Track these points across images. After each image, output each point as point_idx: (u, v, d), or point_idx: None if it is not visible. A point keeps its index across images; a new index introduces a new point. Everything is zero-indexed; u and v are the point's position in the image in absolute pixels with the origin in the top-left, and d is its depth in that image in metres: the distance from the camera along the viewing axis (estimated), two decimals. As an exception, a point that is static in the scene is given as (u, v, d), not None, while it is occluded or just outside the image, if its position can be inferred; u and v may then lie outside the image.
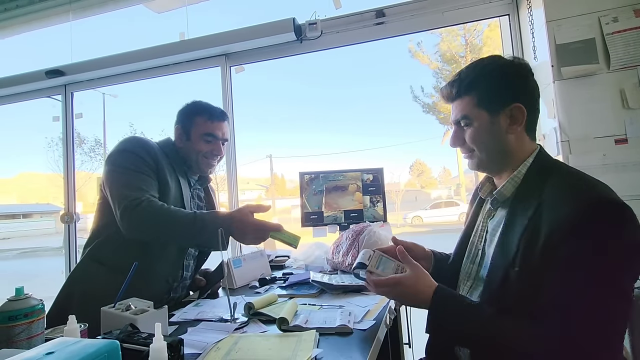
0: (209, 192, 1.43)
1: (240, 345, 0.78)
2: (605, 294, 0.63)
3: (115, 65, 2.46)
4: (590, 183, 0.72)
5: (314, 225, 1.86)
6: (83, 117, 2.81)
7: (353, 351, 0.75)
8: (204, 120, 1.29)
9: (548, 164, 0.81)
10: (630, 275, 0.67)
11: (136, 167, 1.13)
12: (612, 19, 1.55)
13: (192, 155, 1.28)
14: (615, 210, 0.66)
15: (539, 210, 0.71)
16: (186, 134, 1.29)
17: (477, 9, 1.99)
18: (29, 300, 0.67)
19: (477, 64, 0.85)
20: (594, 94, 1.55)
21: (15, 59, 3.99)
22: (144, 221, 1.05)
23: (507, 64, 0.83)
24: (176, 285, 1.24)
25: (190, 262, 1.28)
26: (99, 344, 0.41)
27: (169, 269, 1.19)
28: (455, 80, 0.85)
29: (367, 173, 1.88)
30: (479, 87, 0.82)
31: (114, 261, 1.10)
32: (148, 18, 5.86)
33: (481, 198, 0.94)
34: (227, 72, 2.36)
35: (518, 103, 0.80)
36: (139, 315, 0.80)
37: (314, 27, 2.13)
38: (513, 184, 0.81)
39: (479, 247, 0.88)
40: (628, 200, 0.69)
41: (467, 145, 0.85)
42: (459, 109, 0.85)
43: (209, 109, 1.31)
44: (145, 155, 1.16)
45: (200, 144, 1.28)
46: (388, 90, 20.34)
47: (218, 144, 1.30)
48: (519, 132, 0.81)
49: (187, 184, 1.28)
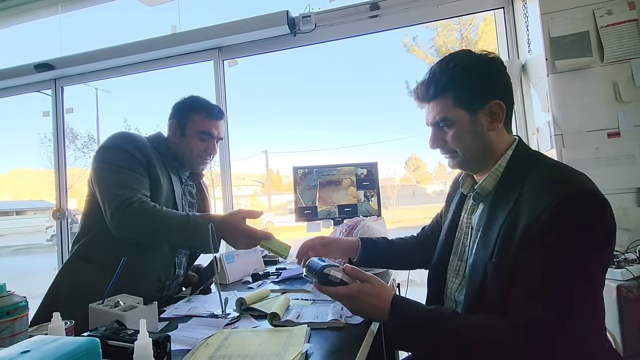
0: (201, 188, 1.41)
1: (231, 340, 0.77)
2: (579, 284, 0.64)
3: (106, 58, 2.42)
4: (569, 175, 0.73)
5: (308, 220, 1.85)
6: (76, 113, 2.78)
7: (344, 346, 0.75)
8: (202, 117, 1.25)
9: (527, 157, 0.81)
10: (604, 261, 0.69)
11: (127, 164, 1.10)
12: (606, 12, 1.54)
13: (185, 152, 1.25)
14: (591, 202, 0.66)
15: (519, 203, 0.72)
16: (181, 130, 1.26)
17: (472, 2, 1.98)
18: (11, 297, 0.65)
19: (450, 62, 0.81)
20: (588, 87, 1.55)
21: (3, 53, 3.91)
22: (135, 222, 1.03)
23: (481, 60, 0.81)
24: (169, 284, 1.22)
25: (182, 260, 1.27)
26: (78, 341, 0.40)
27: (161, 267, 1.18)
28: (430, 81, 0.82)
29: (361, 167, 1.87)
30: (456, 87, 0.79)
31: (102, 259, 1.08)
32: (139, 11, 5.80)
33: (463, 194, 0.94)
34: (220, 66, 2.33)
35: (497, 100, 0.79)
36: (127, 312, 0.79)
37: (307, 20, 2.10)
38: (494, 177, 0.81)
39: (466, 243, 0.88)
40: (620, 193, 0.69)
41: (449, 147, 0.84)
42: (436, 110, 0.82)
43: (207, 106, 1.28)
44: (135, 151, 1.13)
45: (194, 141, 1.25)
46: (383, 85, 20.32)
47: (213, 142, 1.28)
48: (499, 128, 0.81)
49: (178, 181, 1.26)
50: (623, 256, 1.33)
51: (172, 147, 1.27)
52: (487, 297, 0.73)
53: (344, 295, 0.79)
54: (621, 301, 1.21)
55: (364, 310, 0.80)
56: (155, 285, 1.17)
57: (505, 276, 0.70)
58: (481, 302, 0.74)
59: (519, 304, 0.67)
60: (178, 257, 1.24)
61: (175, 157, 1.27)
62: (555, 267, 0.65)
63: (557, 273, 0.65)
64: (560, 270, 0.64)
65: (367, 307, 0.78)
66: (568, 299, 0.64)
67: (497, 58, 0.83)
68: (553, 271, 0.65)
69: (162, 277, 1.18)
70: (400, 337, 0.74)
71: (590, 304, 0.67)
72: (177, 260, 1.24)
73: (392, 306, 0.75)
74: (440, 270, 0.94)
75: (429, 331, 0.72)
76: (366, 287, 0.79)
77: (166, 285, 1.21)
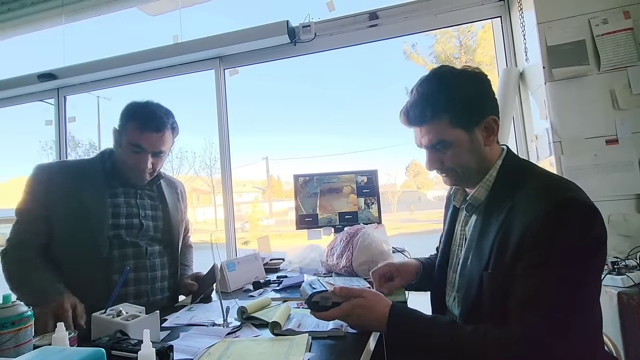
0: (162, 191, 1.34)
1: (232, 350, 0.77)
2: (573, 292, 0.65)
3: (108, 68, 2.45)
4: (558, 183, 0.74)
5: (309, 228, 1.86)
6: (77, 120, 2.79)
7: (345, 355, 0.75)
8: (134, 127, 1.15)
9: (517, 166, 0.82)
10: (597, 268, 0.70)
11: (24, 207, 1.15)
12: (602, 21, 1.56)
13: (120, 164, 1.21)
14: (581, 210, 0.67)
15: (511, 213, 0.73)
16: (118, 140, 1.19)
17: (469, 11, 2.00)
18: (16, 307, 0.66)
19: (442, 82, 0.80)
20: (585, 95, 1.57)
21: (7, 63, 3.95)
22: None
23: (472, 78, 0.81)
24: (149, 288, 1.20)
25: (156, 261, 1.23)
26: (84, 352, 0.41)
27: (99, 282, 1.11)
28: (424, 103, 0.80)
29: (361, 175, 1.88)
30: (454, 108, 0.78)
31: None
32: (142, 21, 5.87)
33: (455, 207, 0.95)
34: (221, 75, 2.36)
35: (492, 115, 0.80)
36: (130, 322, 0.79)
37: (307, 29, 2.13)
38: (485, 187, 0.82)
39: (460, 255, 0.89)
40: (619, 199, 0.70)
41: (447, 166, 0.84)
42: (433, 133, 0.80)
43: (144, 115, 1.16)
44: (35, 187, 1.15)
45: (126, 153, 1.17)
46: (383, 91, 20.44)
47: (145, 156, 1.17)
48: (494, 142, 0.82)
49: (131, 191, 1.24)
50: (624, 263, 1.33)
51: (116, 157, 1.23)
52: (482, 308, 0.74)
53: (338, 316, 0.81)
54: (622, 308, 1.21)
55: (362, 324, 0.81)
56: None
57: (500, 286, 0.70)
58: (477, 312, 0.75)
59: (515, 314, 0.67)
60: (150, 260, 1.21)
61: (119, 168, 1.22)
62: (549, 275, 0.66)
63: (551, 281, 0.65)
64: (554, 279, 0.65)
65: (363, 320, 0.79)
66: (563, 307, 0.64)
67: (484, 74, 0.83)
68: (547, 280, 0.66)
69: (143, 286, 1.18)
70: (399, 346, 0.75)
71: (586, 311, 0.67)
72: (149, 262, 1.20)
73: (390, 316, 0.76)
74: (440, 285, 0.95)
75: (425, 340, 0.72)
76: (359, 301, 0.80)
77: (147, 290, 1.19)
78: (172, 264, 1.32)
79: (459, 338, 0.70)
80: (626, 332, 1.20)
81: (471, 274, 0.78)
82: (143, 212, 1.25)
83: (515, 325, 0.66)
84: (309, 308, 0.85)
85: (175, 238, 1.33)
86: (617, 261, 1.32)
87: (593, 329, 0.71)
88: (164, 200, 1.34)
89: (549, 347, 0.63)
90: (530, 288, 0.67)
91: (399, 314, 0.77)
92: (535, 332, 0.64)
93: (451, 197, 0.96)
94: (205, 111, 2.15)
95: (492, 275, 0.72)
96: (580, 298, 0.66)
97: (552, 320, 0.64)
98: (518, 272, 0.68)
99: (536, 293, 0.66)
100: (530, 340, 0.64)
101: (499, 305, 0.70)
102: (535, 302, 0.66)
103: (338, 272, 1.40)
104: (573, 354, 0.64)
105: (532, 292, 0.66)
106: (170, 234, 1.32)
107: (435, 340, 0.71)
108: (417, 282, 1.06)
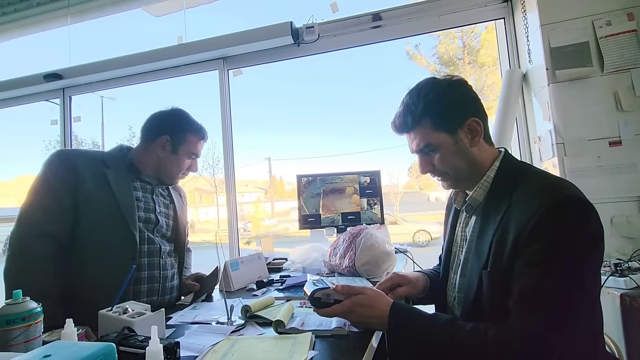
0: (170, 193, 1.38)
1: (237, 347, 0.78)
2: (571, 288, 0.66)
3: (113, 68, 2.47)
4: (554, 182, 0.76)
5: (312, 228, 1.87)
6: (82, 120, 2.82)
7: (348, 353, 0.76)
8: (197, 139, 1.31)
9: (515, 167, 0.84)
10: (594, 265, 0.71)
11: (41, 194, 1.11)
12: (606, 23, 1.57)
13: (170, 168, 1.27)
14: (577, 207, 0.69)
15: (508, 213, 0.74)
16: (173, 147, 1.26)
17: (472, 13, 2.01)
18: (26, 304, 0.67)
19: (420, 91, 0.86)
20: (588, 96, 1.57)
21: (14, 63, 3.99)
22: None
23: (449, 85, 0.86)
24: (160, 287, 1.21)
25: (167, 260, 1.25)
26: (95, 346, 0.42)
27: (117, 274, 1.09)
28: (405, 111, 0.87)
29: (364, 176, 1.89)
30: (432, 113, 0.83)
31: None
32: (146, 21, 5.89)
33: (457, 209, 0.97)
34: (225, 76, 2.37)
35: (472, 117, 0.83)
36: (136, 319, 0.80)
37: (311, 30, 2.14)
38: (484, 188, 0.85)
39: (460, 257, 0.90)
40: (622, 201, 0.71)
41: (438, 169, 0.88)
42: (419, 138, 0.86)
43: (200, 128, 1.33)
44: (61, 175, 1.11)
45: (184, 160, 1.29)
46: (386, 92, 20.45)
47: (196, 161, 1.34)
48: (480, 143, 0.85)
49: (148, 187, 1.27)
50: (626, 265, 1.33)
51: (150, 159, 1.26)
52: (483, 306, 0.75)
53: (339, 313, 0.82)
54: (625, 310, 1.21)
55: (362, 321, 0.82)
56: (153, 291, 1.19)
57: (500, 284, 0.72)
58: (477, 311, 0.76)
59: (514, 311, 0.68)
60: (163, 258, 1.23)
61: (149, 169, 1.26)
62: (546, 272, 0.67)
63: (548, 278, 0.66)
64: (551, 275, 0.66)
65: (364, 317, 0.80)
66: (560, 303, 0.65)
67: (462, 80, 0.88)
68: (544, 277, 0.67)
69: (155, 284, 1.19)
70: (399, 343, 0.75)
71: (584, 307, 0.68)
72: (162, 261, 1.22)
73: (391, 314, 0.77)
74: (443, 286, 0.96)
75: (426, 338, 0.73)
76: (359, 298, 0.81)
77: (158, 289, 1.20)
78: (179, 264, 1.34)
79: (459, 336, 0.71)
80: (629, 333, 1.20)
81: (471, 274, 0.80)
82: (158, 208, 1.28)
83: (515, 322, 0.67)
84: (311, 304, 0.86)
85: (182, 238, 1.36)
86: (620, 263, 1.32)
87: (592, 326, 0.72)
88: (173, 201, 1.38)
89: (546, 342, 0.63)
90: (528, 285, 0.68)
91: (400, 312, 0.78)
92: (534, 329, 0.65)
93: (452, 200, 0.97)
94: (208, 111, 2.19)
95: (491, 274, 0.74)
96: (577, 294, 0.66)
97: (550, 317, 0.65)
98: (516, 270, 0.70)
99: (534, 290, 0.67)
100: (530, 337, 0.65)
101: (499, 303, 0.71)
102: (532, 299, 0.67)
103: (341, 272, 1.40)
104: (571, 350, 0.65)
105: (530, 289, 0.67)
106: (178, 234, 1.34)
107: (435, 338, 0.72)
108: (424, 297, 1.05)
